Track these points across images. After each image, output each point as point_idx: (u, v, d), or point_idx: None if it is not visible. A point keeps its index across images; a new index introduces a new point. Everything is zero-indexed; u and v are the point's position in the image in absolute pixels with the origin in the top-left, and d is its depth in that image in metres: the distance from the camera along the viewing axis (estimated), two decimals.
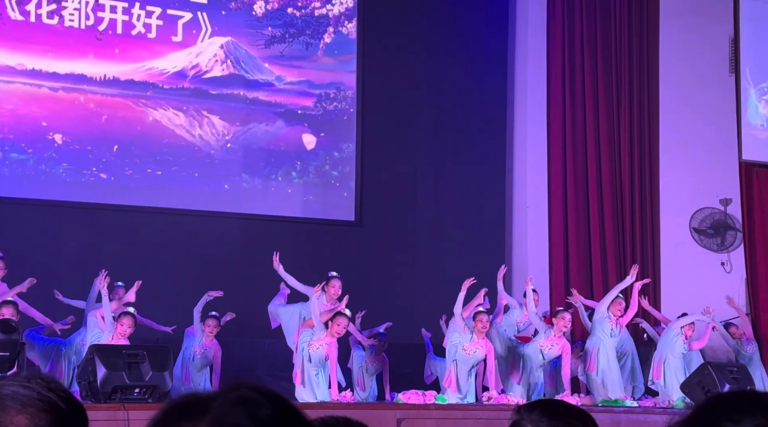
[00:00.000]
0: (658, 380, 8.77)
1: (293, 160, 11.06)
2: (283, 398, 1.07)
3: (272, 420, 1.03)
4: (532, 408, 1.99)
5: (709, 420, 1.14)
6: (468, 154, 11.53)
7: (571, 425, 1.94)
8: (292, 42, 11.14)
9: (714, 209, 11.52)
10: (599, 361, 8.63)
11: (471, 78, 11.70)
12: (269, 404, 1.04)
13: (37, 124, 9.98)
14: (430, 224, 11.39)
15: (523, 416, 1.97)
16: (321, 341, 7.98)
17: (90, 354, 6.75)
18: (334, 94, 11.30)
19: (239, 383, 1.07)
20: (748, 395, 1.16)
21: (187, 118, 10.60)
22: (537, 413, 1.96)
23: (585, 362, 8.78)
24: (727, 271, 11.45)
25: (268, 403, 1.04)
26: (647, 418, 7.82)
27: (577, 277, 11.13)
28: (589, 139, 11.41)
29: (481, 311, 8.38)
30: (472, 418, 7.42)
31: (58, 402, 1.73)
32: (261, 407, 1.03)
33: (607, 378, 8.63)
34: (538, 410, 1.97)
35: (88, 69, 10.17)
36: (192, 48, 10.69)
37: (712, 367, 8.24)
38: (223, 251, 10.35)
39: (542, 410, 1.97)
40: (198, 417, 1.03)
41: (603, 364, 8.62)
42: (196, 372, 8.47)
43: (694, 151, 11.52)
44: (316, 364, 7.98)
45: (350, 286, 9.21)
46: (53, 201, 9.92)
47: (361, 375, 8.84)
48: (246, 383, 1.07)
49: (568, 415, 1.97)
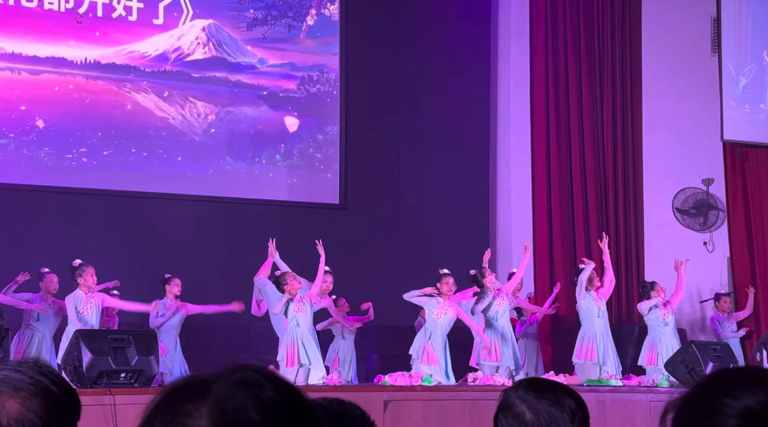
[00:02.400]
0: (651, 365, 8.82)
1: (277, 144, 11.02)
2: (285, 380, 1.06)
3: (275, 402, 1.02)
4: (519, 385, 2.02)
5: (709, 396, 1.14)
6: (452, 136, 11.52)
7: (559, 397, 1.96)
8: (275, 24, 11.08)
9: (696, 189, 11.58)
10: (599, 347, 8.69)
11: (454, 59, 11.68)
12: (272, 385, 1.03)
13: (18, 108, 9.89)
14: (414, 206, 11.40)
15: (509, 394, 1.99)
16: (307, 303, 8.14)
17: (75, 339, 6.73)
18: (317, 77, 11.25)
19: (240, 365, 1.06)
20: (749, 370, 1.16)
21: (170, 102, 10.53)
22: (522, 388, 1.98)
23: (580, 349, 8.82)
24: (710, 250, 11.52)
25: (271, 385, 1.03)
26: (632, 397, 7.87)
27: (561, 256, 11.17)
28: (572, 120, 11.43)
29: (446, 274, 8.39)
30: (459, 399, 7.44)
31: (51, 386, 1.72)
32: (264, 388, 1.02)
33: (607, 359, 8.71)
34: (523, 385, 2.00)
35: (68, 52, 10.08)
36: (173, 31, 10.61)
37: (696, 345, 8.31)
38: (207, 235, 10.32)
39: (527, 385, 2.00)
40: (199, 399, 1.02)
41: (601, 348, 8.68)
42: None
43: (677, 132, 11.56)
44: (303, 330, 8.02)
45: (336, 268, 9.21)
46: (35, 186, 9.85)
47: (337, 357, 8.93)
48: (247, 365, 1.06)
49: (555, 390, 1.99)
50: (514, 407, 1.95)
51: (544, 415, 1.92)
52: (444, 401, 7.38)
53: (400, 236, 11.30)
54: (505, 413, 1.95)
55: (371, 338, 10.14)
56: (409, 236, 11.28)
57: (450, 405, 7.37)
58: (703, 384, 1.17)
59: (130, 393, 6.59)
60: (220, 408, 1.01)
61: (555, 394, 1.96)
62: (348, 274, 9.78)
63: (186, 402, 1.02)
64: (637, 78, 11.62)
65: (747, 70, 11.39)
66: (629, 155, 11.51)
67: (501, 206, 11.67)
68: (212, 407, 1.01)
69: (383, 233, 11.17)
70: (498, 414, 1.97)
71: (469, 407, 7.38)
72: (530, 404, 1.94)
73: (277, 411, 1.01)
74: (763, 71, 11.46)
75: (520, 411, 1.94)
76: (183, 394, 1.03)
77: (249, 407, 1.01)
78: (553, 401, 1.94)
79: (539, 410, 1.93)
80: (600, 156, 11.46)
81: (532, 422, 1.92)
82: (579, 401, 1.98)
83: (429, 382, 7.93)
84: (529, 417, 1.92)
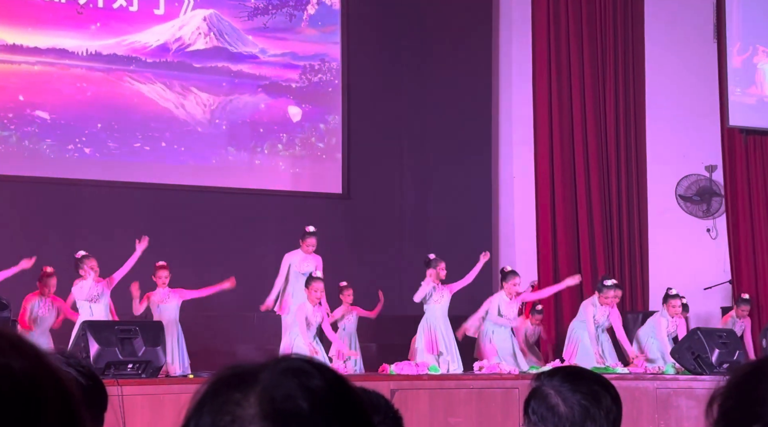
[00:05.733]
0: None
1: (279, 133, 11.00)
2: (332, 368, 1.05)
3: (323, 390, 1.01)
4: (553, 374, 1.98)
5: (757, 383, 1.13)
6: (454, 126, 11.50)
7: (594, 391, 1.93)
8: (276, 14, 11.04)
9: (699, 176, 11.57)
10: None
11: (456, 49, 11.65)
12: (320, 374, 1.02)
13: (19, 100, 9.86)
14: (417, 195, 11.38)
15: (543, 382, 1.95)
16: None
17: (82, 330, 6.72)
18: (319, 66, 11.22)
19: (286, 355, 1.05)
20: None
21: (172, 92, 10.50)
22: (558, 378, 1.94)
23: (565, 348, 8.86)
24: (713, 237, 11.52)
25: (319, 373, 1.02)
26: (638, 384, 7.87)
27: (564, 246, 11.16)
28: (575, 108, 11.40)
29: (437, 259, 8.49)
30: (466, 388, 7.45)
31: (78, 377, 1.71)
32: (312, 377, 1.01)
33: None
34: (559, 376, 1.95)
35: (69, 43, 10.04)
36: (174, 21, 10.57)
37: (701, 332, 8.31)
38: (210, 225, 10.31)
39: (563, 376, 1.95)
40: (247, 388, 1.01)
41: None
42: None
43: (680, 119, 11.55)
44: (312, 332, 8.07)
45: (338, 258, 9.20)
46: (38, 177, 9.83)
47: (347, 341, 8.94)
48: (294, 354, 1.05)
49: (590, 380, 1.96)
50: (548, 398, 1.91)
51: (578, 409, 1.89)
52: (451, 390, 7.39)
53: (403, 225, 11.29)
54: (539, 403, 1.92)
55: (371, 328, 10.14)
56: (411, 225, 11.27)
57: (457, 394, 7.37)
58: (749, 372, 1.16)
59: (138, 384, 6.60)
60: (268, 397, 0.99)
61: (590, 388, 1.92)
62: (350, 263, 9.78)
63: (234, 391, 1.01)
64: (639, 65, 11.60)
65: (749, 56, 11.37)
66: (632, 143, 11.50)
67: (503, 195, 11.65)
68: (260, 395, 1.00)
69: (386, 222, 11.16)
70: (530, 401, 1.94)
71: (476, 395, 7.38)
72: (565, 397, 1.90)
73: (325, 399, 1.00)
74: (766, 56, 11.44)
75: (554, 403, 1.91)
76: (230, 383, 1.02)
77: (297, 396, 1.00)
78: (589, 395, 1.91)
79: (573, 403, 1.90)
80: (603, 144, 11.45)
81: (565, 415, 1.89)
82: (615, 395, 1.95)
83: (435, 371, 7.94)
84: (563, 410, 1.89)
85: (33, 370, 0.87)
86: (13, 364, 0.87)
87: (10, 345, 0.89)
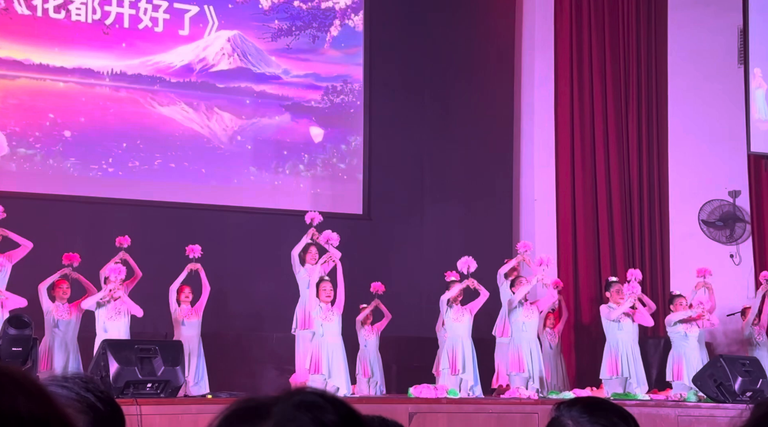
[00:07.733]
0: (678, 380, 8.76)
1: (301, 154, 11.04)
2: (346, 403, 1.04)
3: (337, 425, 1.00)
4: (572, 405, 1.96)
5: None
6: (475, 147, 11.50)
7: (613, 423, 1.91)
8: (299, 35, 11.10)
9: (723, 201, 11.49)
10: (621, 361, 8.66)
11: (478, 69, 11.67)
12: (333, 409, 1.01)
13: (45, 119, 9.96)
14: (437, 216, 11.37)
15: (562, 412, 1.93)
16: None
17: (102, 349, 6.75)
18: (341, 87, 11.27)
19: (299, 388, 1.04)
20: None
21: (195, 113, 10.58)
22: (577, 409, 1.92)
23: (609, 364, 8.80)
24: (737, 263, 11.42)
25: (332, 408, 1.01)
26: (659, 411, 7.79)
27: (585, 270, 11.11)
28: (597, 132, 11.37)
29: (453, 281, 8.77)
30: (485, 412, 7.40)
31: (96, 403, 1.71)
32: (325, 412, 1.01)
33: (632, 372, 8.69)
34: (578, 407, 1.93)
35: (95, 63, 10.14)
36: (199, 42, 10.66)
37: (725, 360, 8.22)
38: (231, 245, 10.33)
39: (582, 407, 1.93)
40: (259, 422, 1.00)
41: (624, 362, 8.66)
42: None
43: (703, 143, 11.48)
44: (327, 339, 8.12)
45: (358, 279, 9.19)
46: (61, 195, 9.90)
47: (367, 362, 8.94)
48: (307, 387, 1.05)
49: (609, 412, 1.94)
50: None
51: None
52: (469, 414, 7.34)
53: (423, 246, 11.27)
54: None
55: (392, 349, 10.11)
56: (432, 246, 11.24)
57: (476, 418, 7.33)
58: None
59: (156, 403, 6.60)
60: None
61: (610, 419, 1.90)
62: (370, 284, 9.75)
63: (247, 425, 1.01)
64: (662, 89, 11.56)
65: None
66: (654, 167, 11.44)
67: (525, 217, 11.61)
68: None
69: (406, 243, 11.14)
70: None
71: (495, 420, 7.33)
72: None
73: None
74: None
75: None
76: (243, 417, 1.02)
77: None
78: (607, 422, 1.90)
79: None
80: (625, 168, 11.40)
81: None
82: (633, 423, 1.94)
83: (454, 394, 7.90)
84: None
85: (39, 411, 0.86)
86: (19, 406, 0.86)
87: (16, 385, 0.88)
